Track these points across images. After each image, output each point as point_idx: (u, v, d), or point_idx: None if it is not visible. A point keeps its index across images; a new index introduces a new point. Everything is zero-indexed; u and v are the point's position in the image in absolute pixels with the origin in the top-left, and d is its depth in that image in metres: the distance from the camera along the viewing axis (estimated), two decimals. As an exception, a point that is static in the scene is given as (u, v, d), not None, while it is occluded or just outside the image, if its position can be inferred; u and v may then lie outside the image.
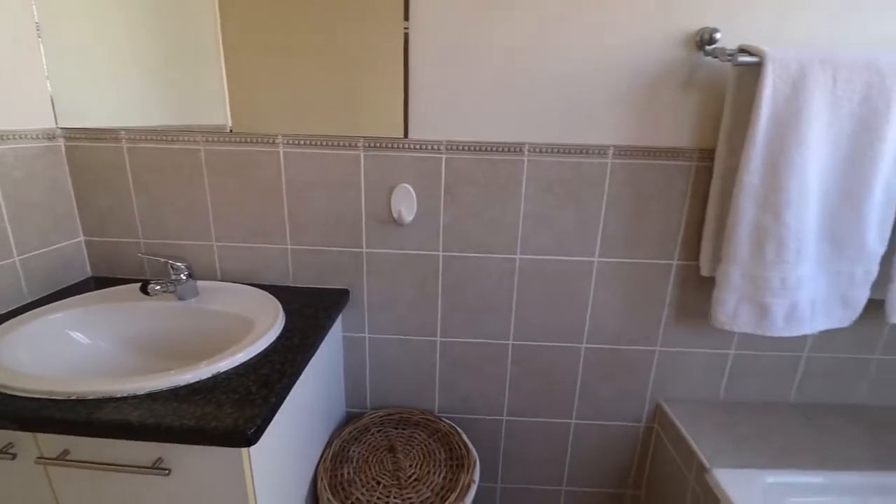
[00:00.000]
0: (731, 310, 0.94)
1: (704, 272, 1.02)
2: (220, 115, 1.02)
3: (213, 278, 1.13)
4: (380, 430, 1.15)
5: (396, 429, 1.16)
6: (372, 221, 1.08)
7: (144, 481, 0.68)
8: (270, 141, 1.02)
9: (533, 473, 1.30)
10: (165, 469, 0.66)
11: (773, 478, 0.92)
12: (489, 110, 1.00)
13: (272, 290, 1.06)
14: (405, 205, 1.05)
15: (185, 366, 0.74)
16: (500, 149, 1.01)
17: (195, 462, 0.67)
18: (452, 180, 1.04)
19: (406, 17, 0.95)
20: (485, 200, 1.05)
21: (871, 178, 0.85)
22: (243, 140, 1.03)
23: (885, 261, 0.93)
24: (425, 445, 1.10)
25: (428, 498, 0.95)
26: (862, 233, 0.89)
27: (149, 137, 1.04)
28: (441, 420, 1.18)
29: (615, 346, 1.15)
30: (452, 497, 0.96)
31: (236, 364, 0.77)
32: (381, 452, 1.07)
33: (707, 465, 0.96)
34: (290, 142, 1.02)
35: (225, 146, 1.03)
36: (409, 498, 0.95)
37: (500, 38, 0.96)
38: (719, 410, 1.14)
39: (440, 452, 1.08)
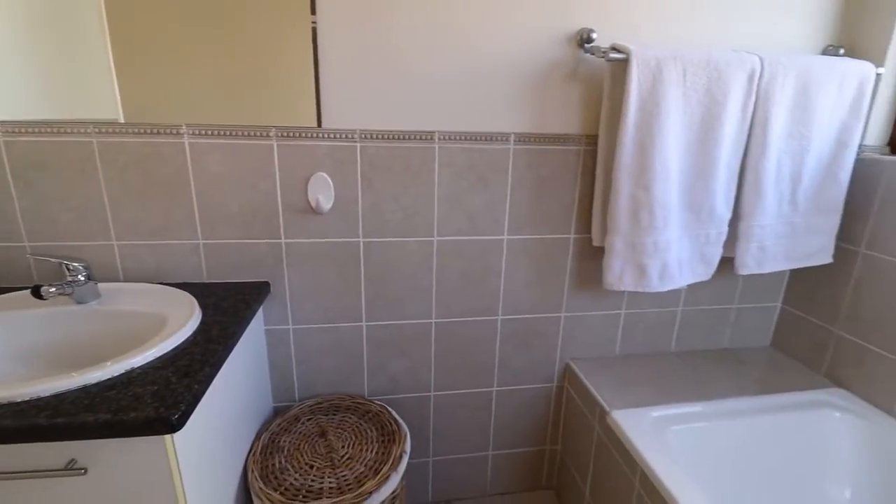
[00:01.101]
0: (618, 273, 1.09)
1: (596, 242, 1.17)
2: (109, 106, 0.96)
3: (116, 280, 1.06)
4: (310, 419, 1.16)
5: (327, 415, 1.18)
6: (289, 211, 1.08)
7: (58, 485, 0.64)
8: (174, 132, 0.99)
9: (461, 443, 1.38)
10: (81, 469, 0.63)
11: (658, 412, 1.09)
12: (400, 100, 1.05)
13: (184, 287, 1.02)
14: (323, 193, 1.07)
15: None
16: (413, 137, 1.07)
17: (114, 458, 0.65)
18: (368, 168, 1.08)
19: (314, 12, 0.97)
20: (401, 186, 1.11)
21: (716, 155, 1.04)
22: (143, 131, 0.98)
23: (732, 224, 1.13)
24: (357, 427, 1.14)
25: (362, 472, 0.99)
26: (713, 201, 1.08)
27: (29, 130, 0.95)
28: (372, 402, 1.22)
29: (527, 316, 1.27)
30: (385, 468, 1.00)
31: (152, 358, 0.75)
32: (313, 439, 1.09)
33: (607, 409, 1.10)
34: (197, 132, 1.00)
35: (122, 137, 0.98)
36: (344, 475, 0.98)
37: (407, 34, 1.01)
38: (616, 363, 1.31)
39: (372, 431, 1.12)
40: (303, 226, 1.10)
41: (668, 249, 1.07)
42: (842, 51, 1.16)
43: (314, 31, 0.98)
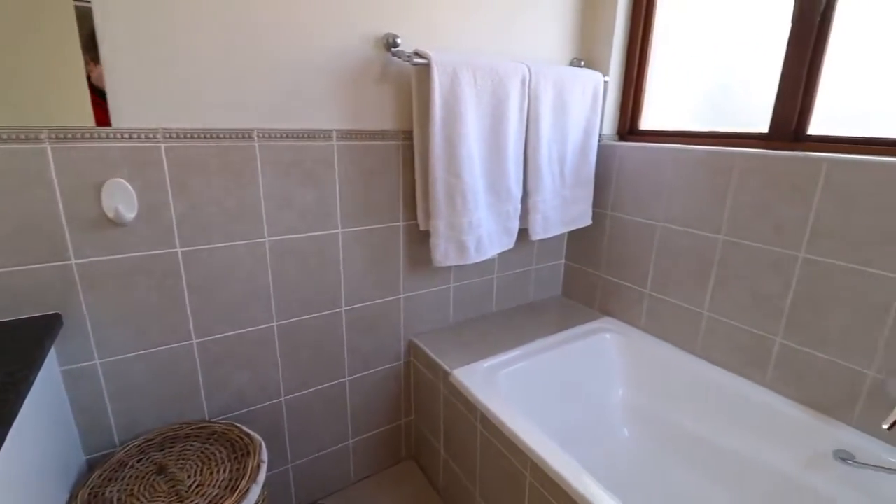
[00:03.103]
0: (443, 251, 1.24)
1: (422, 227, 1.30)
2: None
3: None
4: (141, 460, 1.03)
5: (162, 450, 1.05)
6: (79, 226, 0.92)
7: None
8: None
9: (321, 440, 1.39)
10: None
11: (488, 363, 1.29)
12: (211, 97, 0.99)
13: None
14: (122, 202, 0.94)
15: None
16: (229, 135, 1.02)
17: None
18: (179, 170, 0.99)
19: (82, -8, 0.83)
20: (222, 188, 1.05)
21: (505, 145, 1.27)
22: None
23: (523, 201, 1.40)
24: (202, 452, 1.05)
25: (217, 495, 0.93)
26: (508, 183, 1.32)
27: None
28: (216, 423, 1.13)
29: (369, 303, 1.34)
30: (243, 483, 0.96)
31: None
32: (150, 478, 0.97)
33: (449, 370, 1.26)
34: (-82, 136, 0.77)
35: None
36: (196, 504, 0.91)
37: (212, 26, 0.95)
38: (451, 331, 1.49)
39: (221, 452, 1.05)
40: (100, 241, 0.95)
41: (480, 226, 1.27)
42: (582, 63, 1.53)
43: (83, 12, 0.84)
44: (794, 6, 1.12)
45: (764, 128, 1.22)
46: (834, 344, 1.08)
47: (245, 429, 1.11)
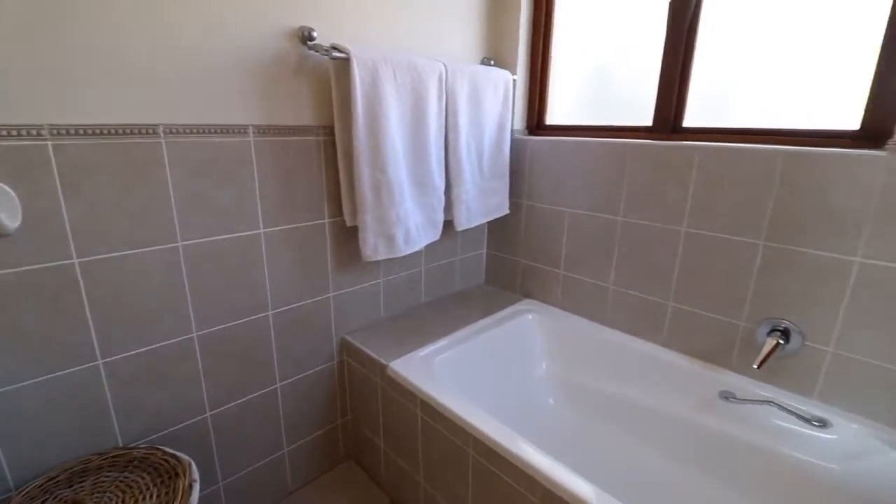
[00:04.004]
0: (372, 245, 1.25)
1: (349, 223, 1.29)
2: None
3: None
4: (46, 501, 0.91)
5: (71, 487, 0.94)
6: (-56, 240, 0.79)
7: None
8: None
9: (253, 453, 1.32)
10: None
11: (423, 352, 1.33)
12: (108, 88, 0.90)
13: None
14: (3, 209, 0.82)
15: None
16: (129, 131, 0.93)
17: None
18: (71, 171, 0.88)
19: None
20: (123, 190, 0.95)
21: (427, 139, 1.31)
22: None
23: (446, 193, 1.45)
24: (121, 481, 0.95)
25: (146, 522, 0.86)
26: (431, 176, 1.36)
27: None
28: (133, 449, 1.03)
29: (298, 304, 1.30)
30: (176, 506, 0.90)
31: None
32: (58, 519, 0.86)
33: (385, 362, 1.27)
34: None
35: None
36: (121, 537, 0.83)
37: (108, 12, 0.86)
38: (384, 325, 1.50)
39: (144, 477, 0.96)
40: (-26, 256, 0.82)
41: (408, 219, 1.30)
42: (492, 62, 1.61)
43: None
44: (668, 17, 1.30)
45: (648, 121, 1.40)
46: (712, 302, 1.28)
47: (169, 450, 1.03)
